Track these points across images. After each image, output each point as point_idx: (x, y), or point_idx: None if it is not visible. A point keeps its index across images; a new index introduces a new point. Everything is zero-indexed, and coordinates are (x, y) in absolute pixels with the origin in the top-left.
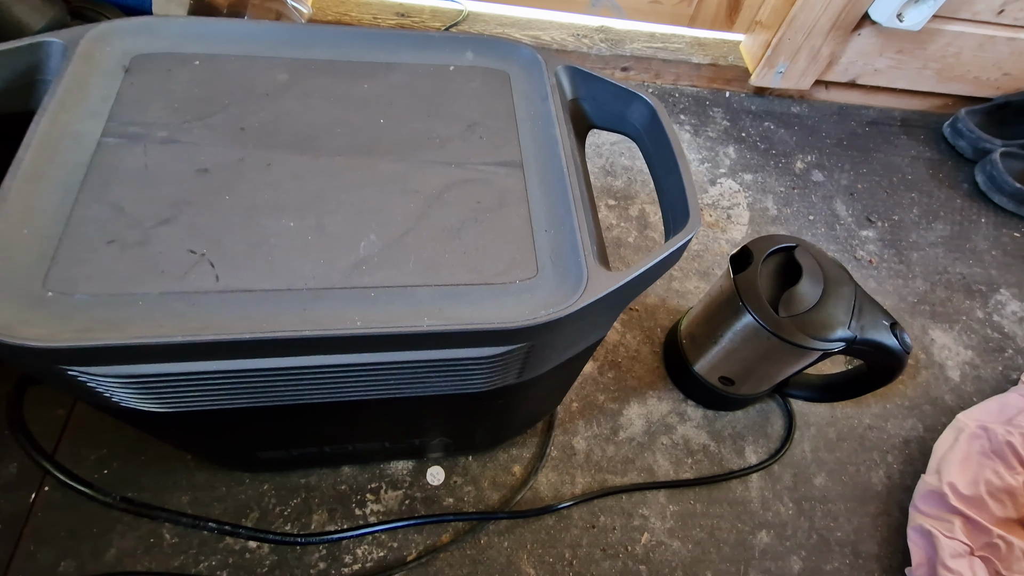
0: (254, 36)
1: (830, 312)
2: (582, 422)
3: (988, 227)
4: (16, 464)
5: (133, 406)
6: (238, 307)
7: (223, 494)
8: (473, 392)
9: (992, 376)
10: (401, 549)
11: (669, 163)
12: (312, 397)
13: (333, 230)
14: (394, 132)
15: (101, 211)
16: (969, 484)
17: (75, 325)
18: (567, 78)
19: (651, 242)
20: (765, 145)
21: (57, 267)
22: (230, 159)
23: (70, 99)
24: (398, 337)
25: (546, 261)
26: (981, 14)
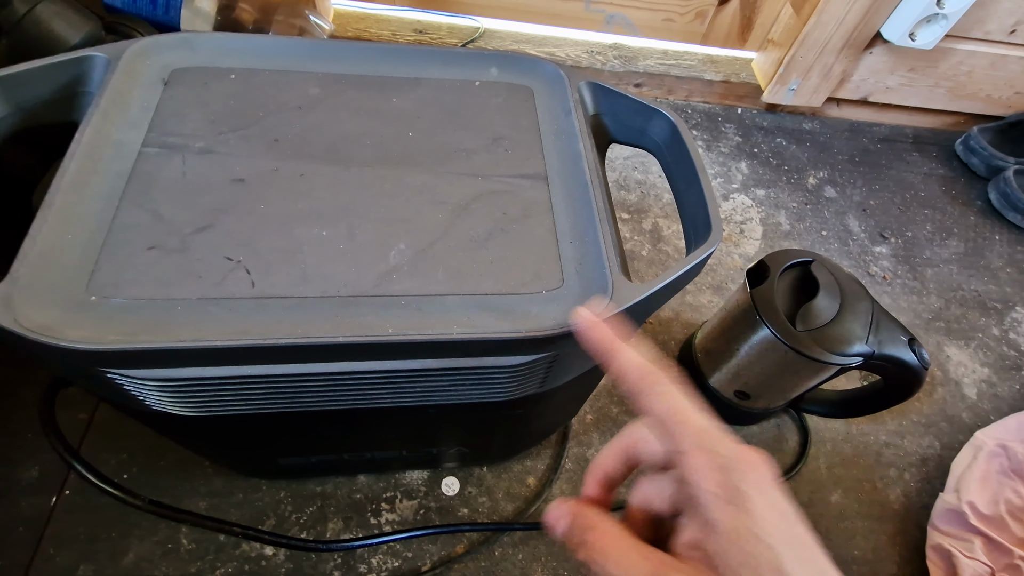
0: (286, 51)
1: (847, 327)
2: (596, 434)
3: (1002, 244)
4: (38, 468)
5: (166, 409)
6: (273, 313)
7: (240, 500)
8: (495, 401)
9: (1009, 394)
10: (416, 559)
11: (690, 177)
12: (340, 403)
13: (364, 239)
14: (422, 144)
15: (142, 218)
16: (989, 503)
17: (116, 328)
18: (589, 94)
19: (664, 255)
20: (777, 161)
21: (100, 272)
22: (264, 169)
23: (112, 110)
24: (428, 344)
25: (571, 271)
26: (993, 33)
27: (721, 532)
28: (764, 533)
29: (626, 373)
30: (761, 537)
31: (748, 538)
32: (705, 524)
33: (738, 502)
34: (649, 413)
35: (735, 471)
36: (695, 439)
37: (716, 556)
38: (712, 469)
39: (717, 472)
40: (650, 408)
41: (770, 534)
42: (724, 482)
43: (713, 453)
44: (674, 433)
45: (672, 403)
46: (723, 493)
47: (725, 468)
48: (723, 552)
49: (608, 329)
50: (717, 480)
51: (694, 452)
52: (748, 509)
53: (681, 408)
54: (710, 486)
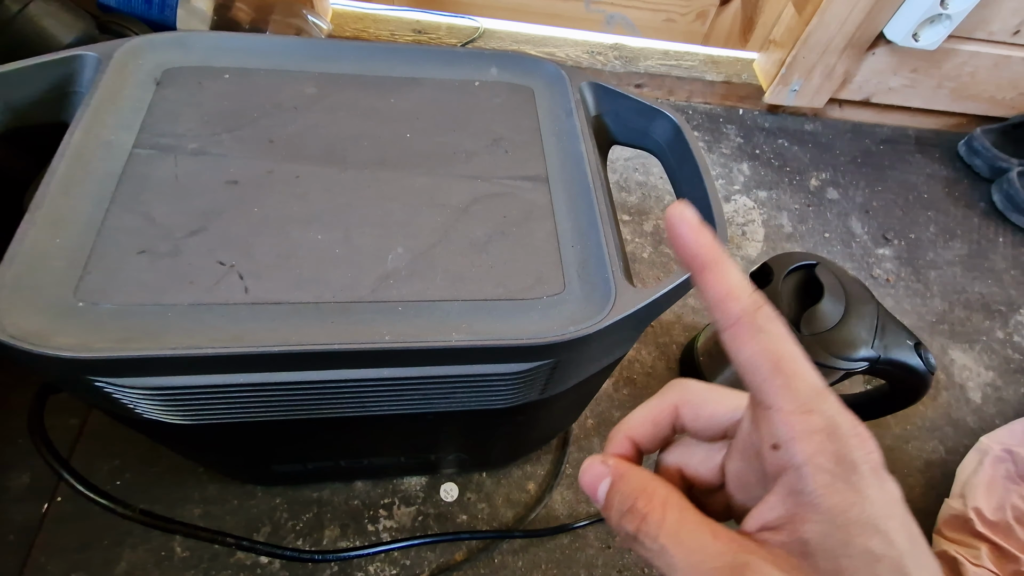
0: (282, 51)
1: (852, 331)
2: (597, 439)
3: (1006, 246)
4: (29, 475)
5: (156, 418)
6: (267, 319)
7: (235, 507)
8: (495, 408)
9: (1014, 398)
10: (414, 567)
11: (694, 179)
12: (336, 411)
13: (361, 243)
14: (420, 146)
15: (132, 221)
16: (995, 509)
17: (105, 335)
18: (591, 94)
19: (666, 257)
20: (779, 162)
21: (88, 277)
22: (259, 171)
23: (103, 111)
24: (427, 352)
25: (573, 276)
26: (997, 34)
27: (827, 514)
28: (882, 523)
29: (723, 298)
30: (879, 527)
31: (863, 526)
32: (802, 502)
33: (852, 481)
34: (740, 353)
35: (849, 443)
36: (803, 397)
37: (814, 543)
38: (822, 436)
39: (827, 440)
40: (748, 348)
41: (888, 526)
42: (837, 453)
43: (826, 417)
44: (776, 385)
45: (780, 347)
46: (834, 467)
47: (837, 437)
48: (826, 539)
49: (709, 235)
50: (828, 450)
51: (800, 413)
52: (863, 491)
53: (790, 356)
54: (819, 457)
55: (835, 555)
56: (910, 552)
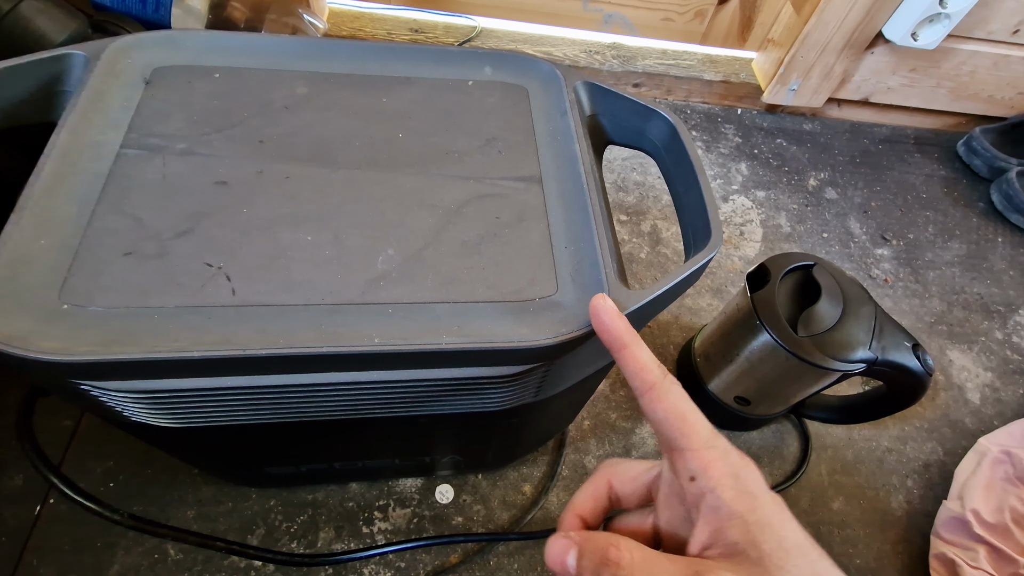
0: (274, 50)
1: (850, 332)
2: (594, 441)
3: (1005, 247)
4: (22, 476)
5: (144, 420)
6: (254, 322)
7: (229, 509)
8: (488, 411)
9: (1013, 399)
10: (409, 569)
11: (689, 180)
12: (326, 414)
13: (351, 244)
14: (412, 146)
15: (119, 222)
16: (993, 511)
17: (90, 338)
18: (586, 94)
19: (663, 258)
20: (777, 162)
21: (73, 279)
22: (248, 171)
23: (91, 110)
24: (416, 355)
25: (566, 278)
26: (996, 33)
27: (739, 517)
28: (780, 524)
29: (637, 370)
30: (781, 528)
31: (764, 522)
32: (720, 515)
33: (749, 491)
34: (656, 412)
35: (743, 469)
36: (704, 438)
37: (741, 543)
38: (725, 465)
39: (727, 465)
40: (658, 407)
41: (784, 525)
42: (734, 474)
43: (722, 449)
44: (684, 432)
45: (681, 404)
46: (735, 483)
47: (734, 465)
48: (745, 536)
49: (625, 322)
50: (728, 472)
51: (706, 450)
52: (758, 496)
53: (689, 410)
54: (724, 478)
55: (756, 545)
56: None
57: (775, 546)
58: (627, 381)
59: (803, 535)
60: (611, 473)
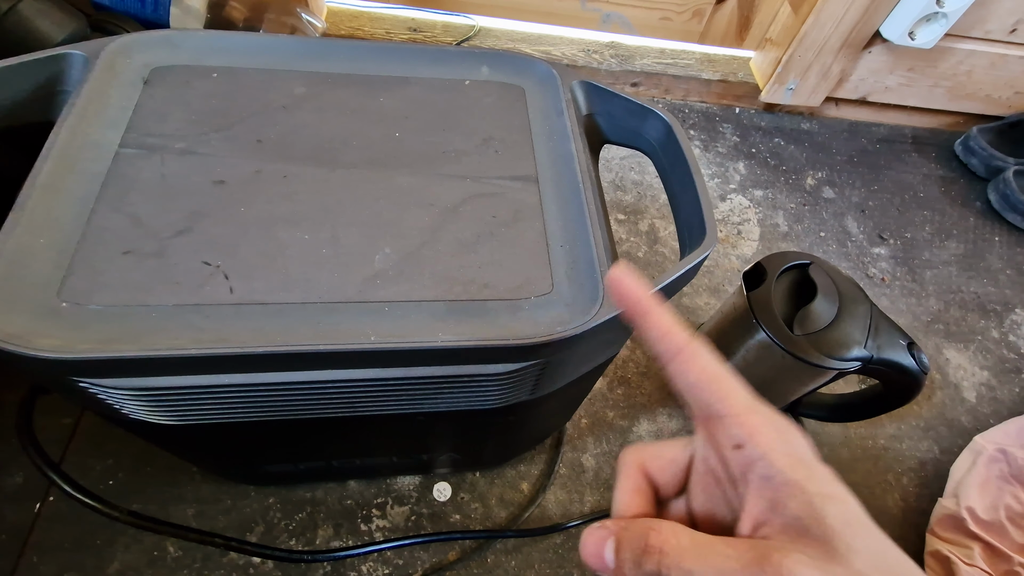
0: (272, 49)
1: (846, 331)
2: (591, 439)
3: (1002, 246)
4: (23, 474)
5: (143, 418)
6: (252, 320)
7: (228, 507)
8: (485, 408)
9: (1009, 398)
10: (407, 567)
11: (685, 179)
12: (323, 412)
13: (348, 243)
14: (410, 145)
15: (118, 221)
16: (988, 509)
17: (89, 336)
18: (582, 93)
19: (661, 257)
20: (775, 161)
21: (72, 277)
22: (247, 171)
23: (90, 110)
24: (413, 352)
25: (561, 276)
26: (993, 33)
27: (797, 487)
28: (841, 497)
29: (662, 335)
30: (845, 501)
31: (835, 497)
32: (775, 485)
33: (802, 459)
34: (687, 376)
35: (794, 436)
36: (747, 401)
37: (806, 519)
38: (774, 430)
39: (778, 433)
40: (689, 370)
41: (846, 499)
42: (785, 440)
43: (767, 415)
44: (720, 396)
45: (717, 368)
46: (789, 449)
47: (783, 430)
48: (815, 512)
49: (644, 287)
50: (780, 438)
51: (750, 414)
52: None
53: (727, 374)
54: (776, 444)
55: (820, 520)
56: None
57: (842, 521)
58: (652, 349)
59: (863, 511)
60: (641, 459)
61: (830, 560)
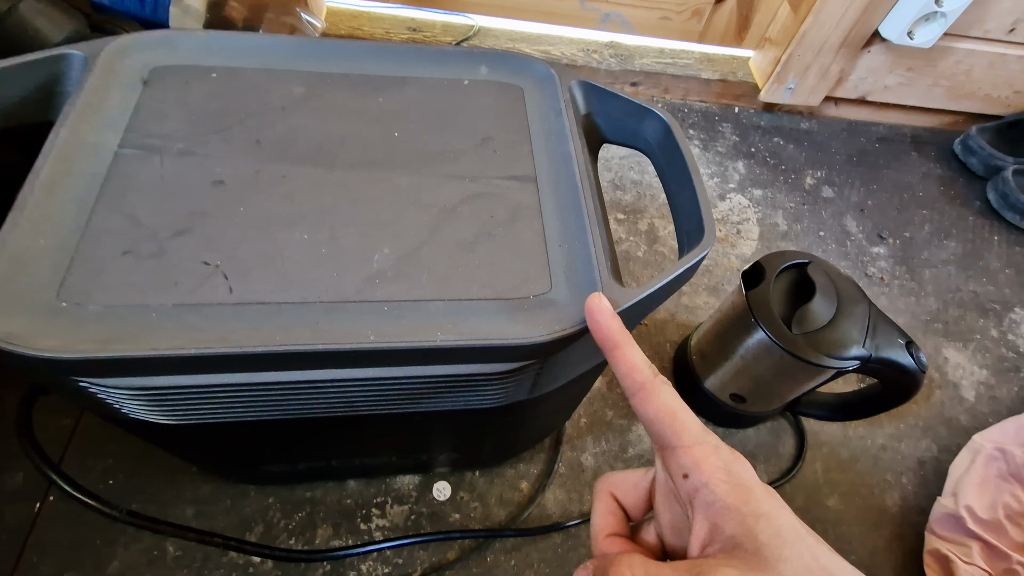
0: (271, 50)
1: (844, 330)
2: (590, 438)
3: (1001, 245)
4: (22, 474)
5: (143, 418)
6: (251, 320)
7: (228, 507)
8: (484, 408)
9: (1008, 397)
10: (406, 566)
11: (683, 179)
12: (322, 411)
13: (347, 243)
14: (408, 146)
15: (117, 222)
16: (987, 508)
17: (88, 336)
18: (581, 93)
19: (660, 256)
20: (774, 161)
21: (72, 278)
22: (246, 171)
23: (89, 110)
24: (411, 352)
25: (560, 276)
26: (992, 32)
27: (734, 510)
28: (775, 513)
29: (628, 370)
30: (776, 517)
31: (769, 514)
32: (716, 510)
33: (741, 483)
34: (647, 411)
35: (734, 463)
36: (695, 434)
37: (738, 536)
38: (718, 459)
39: (718, 459)
40: (648, 406)
41: (779, 514)
42: (725, 468)
43: (712, 445)
44: (675, 430)
45: (671, 402)
46: (727, 477)
47: (726, 459)
48: (741, 528)
49: (618, 322)
50: (720, 466)
51: (697, 446)
52: (751, 489)
53: (679, 407)
54: (716, 472)
55: (753, 536)
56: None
57: (771, 535)
58: (619, 382)
59: (798, 523)
60: (610, 485)
61: (758, 570)
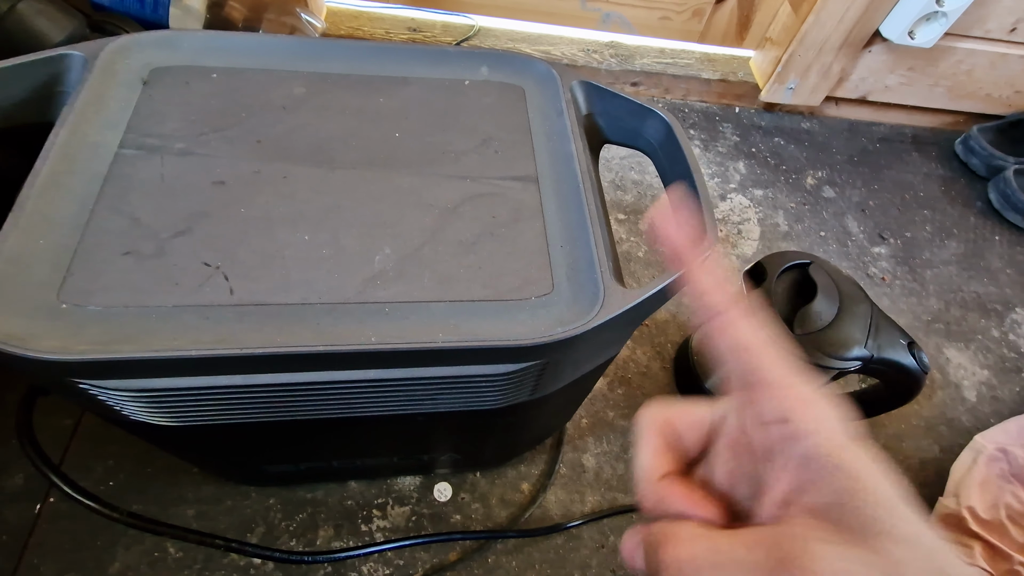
0: (271, 50)
1: (846, 330)
2: (592, 439)
3: (1002, 245)
4: (23, 475)
5: (143, 419)
6: (252, 321)
7: (229, 507)
8: (485, 409)
9: (1010, 397)
10: (408, 567)
11: (685, 179)
12: (324, 412)
13: (348, 244)
14: (409, 146)
15: (117, 222)
16: (988, 508)
17: (88, 338)
18: (582, 93)
19: (661, 256)
20: (775, 161)
21: (72, 278)
22: (246, 171)
23: (89, 111)
24: (412, 353)
25: (562, 277)
26: (993, 32)
27: (847, 476)
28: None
29: (708, 289)
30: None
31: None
32: (817, 466)
33: (850, 446)
34: (740, 335)
35: (835, 412)
36: (798, 372)
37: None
38: (826, 407)
39: (829, 410)
40: (742, 330)
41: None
42: (833, 422)
43: (813, 392)
44: (767, 364)
45: (758, 334)
46: (844, 434)
47: (827, 409)
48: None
49: (684, 234)
50: (834, 419)
51: (798, 386)
52: (867, 459)
53: (768, 341)
54: (829, 424)
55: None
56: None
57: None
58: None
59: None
60: (664, 420)
61: (862, 547)
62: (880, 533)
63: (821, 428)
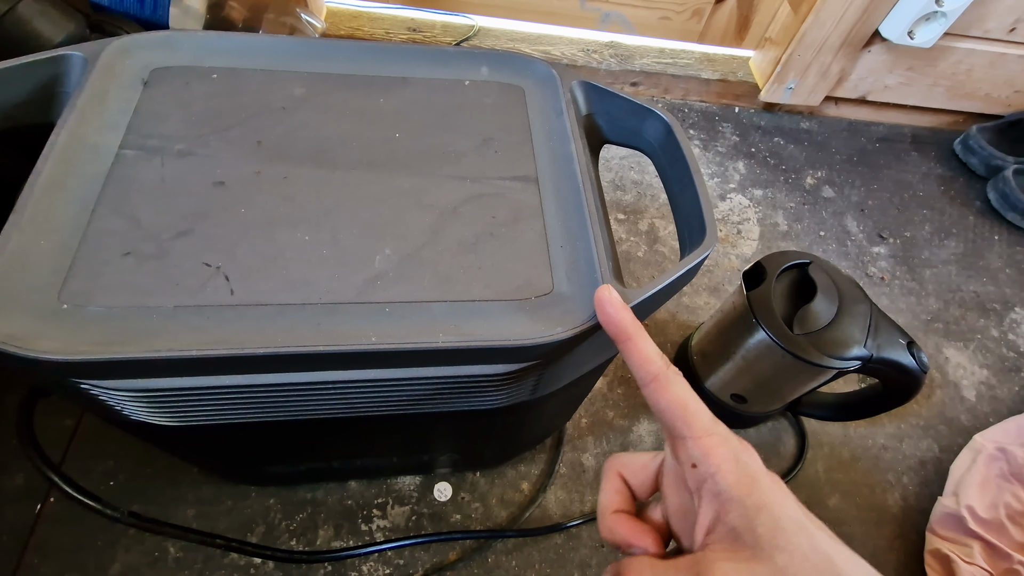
0: (271, 50)
1: (845, 330)
2: (591, 439)
3: (1002, 245)
4: (23, 475)
5: (143, 419)
6: (252, 321)
7: (229, 508)
8: (485, 409)
9: (1009, 396)
10: (407, 567)
11: (685, 179)
12: (324, 412)
13: (348, 244)
14: (409, 146)
15: (118, 223)
16: (988, 508)
17: (89, 338)
18: (582, 93)
19: (660, 256)
20: (775, 160)
21: (73, 279)
22: (247, 172)
23: (89, 111)
24: (413, 353)
25: (562, 277)
26: (992, 32)
27: (739, 501)
28: (777, 504)
29: (641, 362)
30: (778, 508)
31: (770, 505)
32: (721, 500)
33: (748, 474)
34: (659, 401)
35: (743, 453)
36: (705, 425)
37: (739, 527)
38: (726, 450)
39: (730, 453)
40: (661, 397)
41: (781, 504)
42: (734, 458)
43: (722, 435)
44: (686, 421)
45: (683, 393)
46: (735, 467)
47: (734, 450)
48: (743, 520)
49: (629, 313)
50: (729, 457)
51: (708, 436)
52: (757, 480)
53: (691, 398)
54: (725, 463)
55: (752, 529)
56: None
57: (772, 526)
58: (631, 372)
59: (801, 511)
60: (619, 466)
61: (755, 561)
62: (776, 548)
63: (720, 469)
